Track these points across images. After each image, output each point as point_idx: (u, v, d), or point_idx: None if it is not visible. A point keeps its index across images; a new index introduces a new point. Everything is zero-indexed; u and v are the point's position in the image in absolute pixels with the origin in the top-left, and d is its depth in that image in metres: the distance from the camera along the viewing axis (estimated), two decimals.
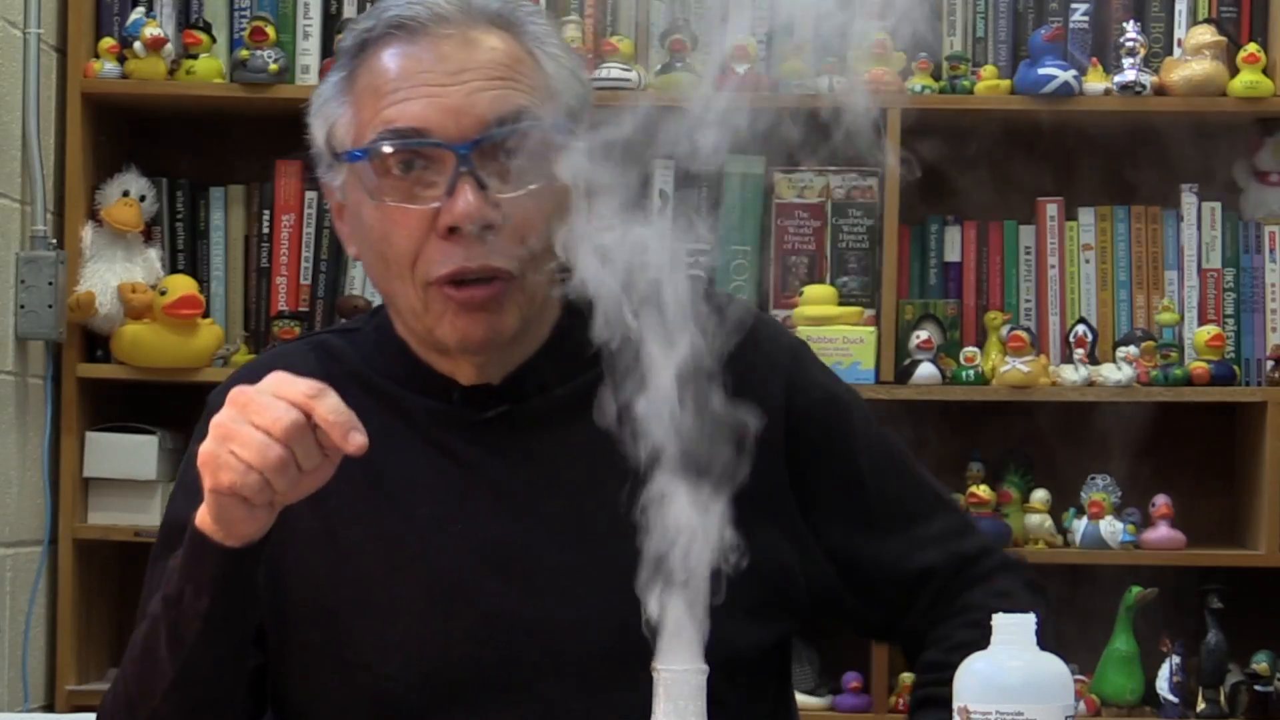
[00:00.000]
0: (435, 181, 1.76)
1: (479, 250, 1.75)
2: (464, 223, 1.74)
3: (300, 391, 1.61)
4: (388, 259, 1.79)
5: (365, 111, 1.79)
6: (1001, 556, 1.96)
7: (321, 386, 1.62)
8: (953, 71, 3.72)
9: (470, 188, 1.74)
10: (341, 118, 1.81)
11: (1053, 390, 3.66)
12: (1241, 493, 3.79)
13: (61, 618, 3.63)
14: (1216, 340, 3.67)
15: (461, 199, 1.74)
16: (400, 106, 1.77)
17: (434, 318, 1.78)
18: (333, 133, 1.82)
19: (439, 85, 1.76)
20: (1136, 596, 3.63)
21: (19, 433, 3.53)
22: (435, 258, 1.76)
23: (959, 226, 3.79)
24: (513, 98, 1.78)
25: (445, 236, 1.75)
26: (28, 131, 3.54)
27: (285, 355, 1.92)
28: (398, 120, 1.76)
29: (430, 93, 1.76)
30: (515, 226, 1.76)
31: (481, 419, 1.82)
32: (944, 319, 3.72)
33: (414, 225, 1.76)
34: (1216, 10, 3.75)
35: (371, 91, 1.79)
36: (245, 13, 3.74)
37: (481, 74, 1.77)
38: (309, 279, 3.74)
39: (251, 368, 1.94)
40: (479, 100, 1.76)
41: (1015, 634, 1.56)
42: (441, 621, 1.73)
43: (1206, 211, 3.76)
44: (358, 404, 1.83)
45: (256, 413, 1.60)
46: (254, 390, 1.62)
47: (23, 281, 3.54)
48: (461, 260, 1.75)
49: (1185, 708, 3.65)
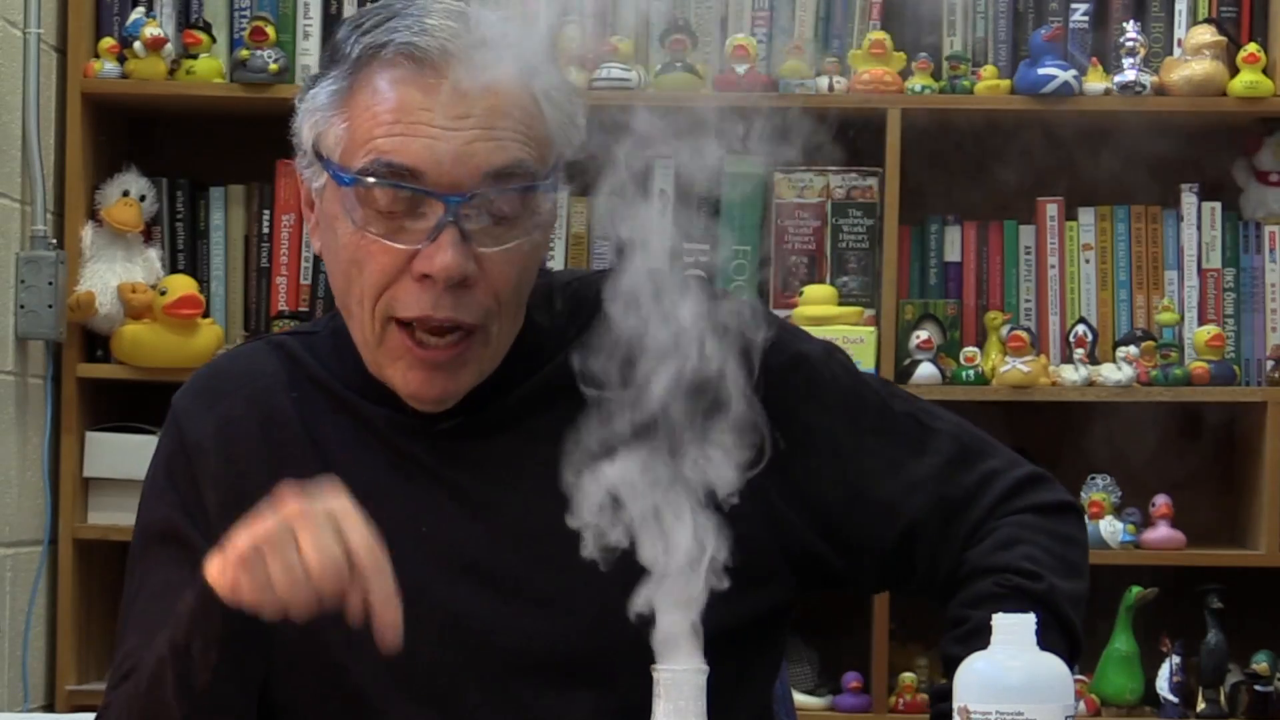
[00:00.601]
0: (418, 224, 1.74)
1: (447, 301, 1.73)
2: (440, 274, 1.72)
3: (364, 549, 1.57)
4: (353, 282, 1.76)
5: (359, 131, 1.76)
6: (1008, 481, 1.87)
7: (380, 556, 1.58)
8: (953, 71, 3.72)
9: (453, 240, 1.72)
10: (333, 128, 1.78)
11: (1053, 390, 3.66)
12: (1241, 493, 3.79)
13: (61, 618, 3.63)
14: (1216, 340, 3.67)
15: (442, 251, 1.72)
16: (397, 140, 1.73)
17: (387, 357, 1.77)
18: (321, 139, 1.79)
19: (439, 128, 1.73)
20: (1136, 596, 3.63)
21: (19, 433, 3.53)
22: (402, 298, 1.74)
23: (959, 226, 3.79)
24: (511, 150, 1.74)
25: (418, 280, 1.73)
26: (28, 131, 3.54)
27: (246, 356, 1.90)
28: (392, 154, 1.73)
29: (429, 133, 1.73)
30: (489, 282, 1.74)
31: (437, 429, 1.81)
32: (944, 319, 3.72)
33: (388, 262, 1.74)
34: (1216, 10, 3.75)
35: (369, 114, 1.75)
36: (245, 13, 3.75)
37: (482, 121, 1.74)
38: (309, 279, 3.74)
39: (213, 369, 1.93)
40: (477, 150, 1.73)
41: (1015, 634, 1.56)
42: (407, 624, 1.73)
43: (1206, 211, 3.76)
44: (317, 408, 1.83)
45: (309, 543, 1.56)
46: (317, 509, 1.58)
47: (23, 281, 3.54)
48: (429, 308, 1.73)
49: (1185, 708, 3.65)
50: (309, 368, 1.86)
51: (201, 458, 1.84)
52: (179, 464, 1.85)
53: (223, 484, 1.82)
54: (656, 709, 1.47)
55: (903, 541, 1.83)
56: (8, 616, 3.49)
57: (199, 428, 1.85)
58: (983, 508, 1.85)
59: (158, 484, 1.86)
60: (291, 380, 1.84)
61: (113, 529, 3.65)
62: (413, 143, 1.73)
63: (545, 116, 1.78)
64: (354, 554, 1.57)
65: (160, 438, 1.90)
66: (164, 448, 1.88)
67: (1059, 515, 1.87)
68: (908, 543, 1.83)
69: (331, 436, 1.81)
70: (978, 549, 1.82)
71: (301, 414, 1.83)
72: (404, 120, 1.74)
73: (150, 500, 1.87)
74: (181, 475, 1.84)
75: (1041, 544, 1.83)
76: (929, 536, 1.84)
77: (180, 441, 1.86)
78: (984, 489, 1.86)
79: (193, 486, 1.83)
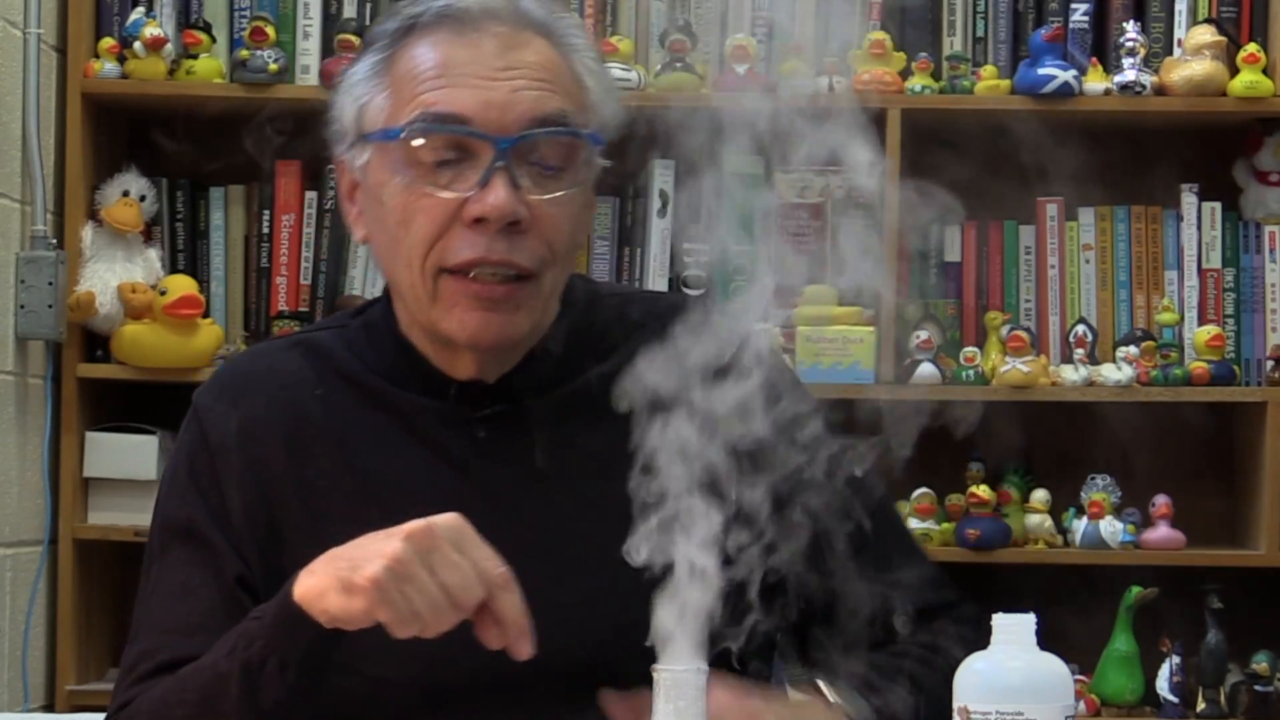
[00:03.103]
0: (468, 172, 1.76)
1: (502, 244, 1.75)
2: (493, 215, 1.74)
3: (495, 573, 1.58)
4: (401, 244, 1.77)
5: (402, 95, 1.78)
6: (961, 611, 1.91)
7: (507, 571, 1.59)
8: (953, 71, 3.72)
9: (504, 182, 1.74)
10: (375, 100, 1.80)
11: (1053, 390, 3.66)
12: (1241, 493, 3.79)
13: (61, 618, 3.62)
14: (1216, 340, 3.67)
15: (494, 192, 1.74)
16: (442, 92, 1.76)
17: (442, 309, 1.77)
18: (363, 114, 1.81)
19: (484, 78, 1.76)
20: (1136, 596, 3.63)
21: (19, 433, 3.53)
22: (455, 245, 1.75)
23: (959, 226, 3.79)
24: (555, 101, 1.78)
25: (470, 226, 1.75)
26: (28, 131, 3.54)
27: (268, 354, 1.91)
28: (439, 105, 1.76)
29: (475, 84, 1.76)
30: (541, 230, 1.76)
31: (476, 416, 1.81)
32: (944, 319, 3.72)
33: (439, 212, 1.76)
34: (1216, 10, 3.75)
35: (411, 77, 1.78)
36: (245, 13, 3.75)
37: (527, 74, 1.78)
38: (309, 279, 3.74)
39: (236, 368, 1.93)
40: (523, 98, 1.76)
41: (1015, 634, 1.56)
42: None
43: (1206, 211, 3.76)
44: (346, 405, 1.83)
45: (446, 569, 1.57)
46: (444, 536, 1.58)
47: (23, 281, 3.54)
48: (483, 250, 1.75)
49: (1185, 708, 3.65)
50: (341, 362, 1.86)
51: (224, 457, 1.83)
52: (201, 462, 1.84)
53: (246, 484, 1.81)
54: (656, 709, 1.47)
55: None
56: (8, 616, 3.48)
57: (222, 427, 1.84)
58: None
59: (179, 481, 1.85)
60: (319, 378, 1.84)
61: (113, 529, 3.65)
62: (458, 93, 1.76)
63: (585, 84, 1.82)
64: (485, 573, 1.57)
65: (181, 434, 1.88)
66: (185, 444, 1.87)
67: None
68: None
69: (361, 434, 1.80)
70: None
71: (327, 412, 1.83)
72: (448, 74, 1.77)
73: (171, 497, 1.85)
74: (204, 473, 1.83)
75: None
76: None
77: (203, 439, 1.85)
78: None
79: (215, 485, 1.82)
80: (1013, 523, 3.69)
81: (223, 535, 1.80)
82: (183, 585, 1.80)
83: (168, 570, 1.82)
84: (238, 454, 1.82)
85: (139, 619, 1.83)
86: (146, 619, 1.82)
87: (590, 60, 1.84)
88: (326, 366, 1.85)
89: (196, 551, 1.81)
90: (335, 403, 1.83)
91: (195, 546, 1.81)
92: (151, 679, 1.76)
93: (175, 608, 1.79)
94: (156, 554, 1.84)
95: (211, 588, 1.74)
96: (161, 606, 1.81)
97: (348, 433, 1.82)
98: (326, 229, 3.72)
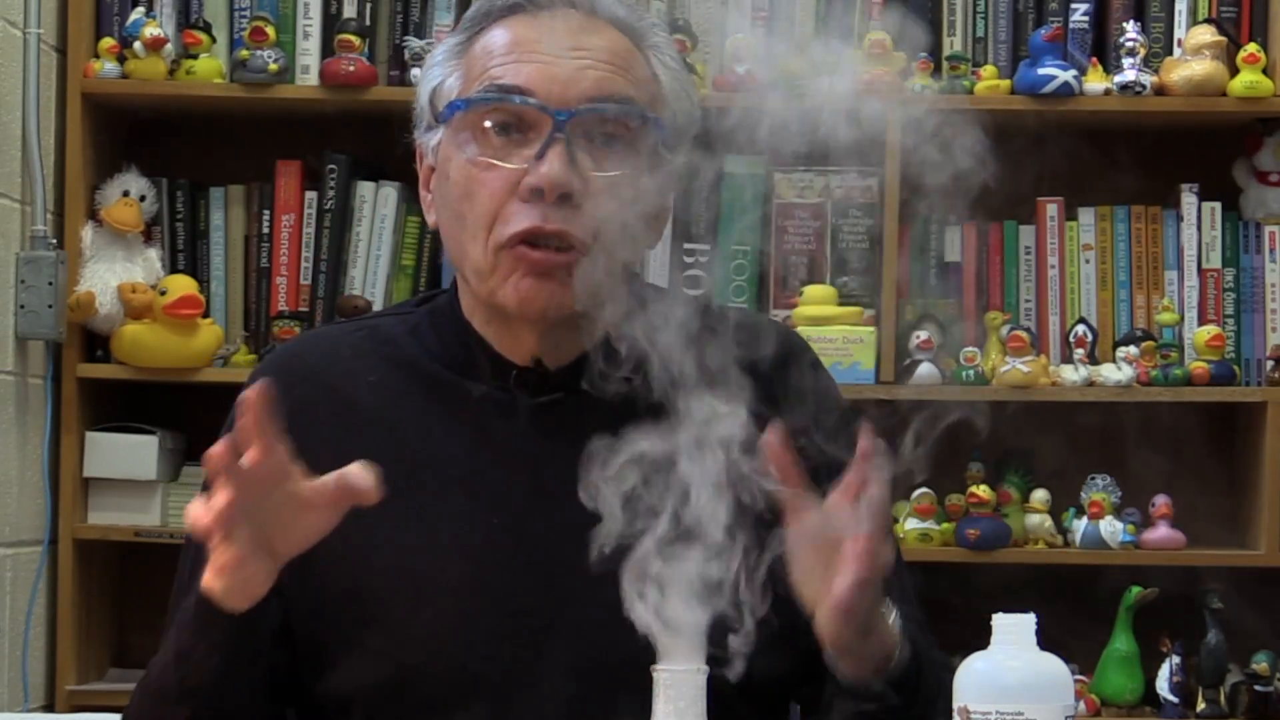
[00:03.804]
0: (527, 146, 1.78)
1: (556, 215, 1.76)
2: (547, 185, 1.76)
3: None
4: (466, 218, 1.80)
5: (473, 72, 1.81)
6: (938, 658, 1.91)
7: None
8: (953, 71, 3.72)
9: (560, 155, 1.76)
10: (449, 78, 1.84)
11: (1053, 390, 3.66)
12: (1241, 493, 3.79)
13: (61, 618, 3.62)
14: (1216, 340, 3.67)
15: (549, 163, 1.76)
16: (509, 67, 1.79)
17: (499, 279, 1.79)
18: (437, 92, 1.84)
19: (551, 55, 1.79)
20: (1136, 596, 3.63)
21: (19, 433, 3.53)
22: (513, 217, 1.77)
23: (959, 226, 3.78)
24: (620, 84, 1.80)
25: (526, 198, 1.77)
26: (28, 131, 3.54)
27: (324, 339, 1.92)
28: (504, 78, 1.79)
29: (541, 59, 1.79)
30: (595, 205, 1.77)
31: (533, 404, 1.81)
32: (944, 319, 3.72)
33: (498, 184, 1.78)
34: (1216, 10, 3.75)
35: (484, 55, 1.81)
36: (245, 13, 3.74)
37: (595, 55, 1.80)
38: (309, 279, 3.74)
39: (288, 353, 1.93)
40: (587, 75, 1.79)
41: (1015, 634, 1.56)
42: (468, 615, 1.72)
43: (1206, 211, 3.76)
44: (400, 391, 1.83)
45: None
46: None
47: (23, 281, 3.53)
48: (538, 220, 1.76)
49: (1185, 708, 3.65)
50: (400, 348, 1.87)
51: None
52: None
53: None
54: (656, 709, 1.47)
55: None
56: (8, 616, 3.48)
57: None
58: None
59: None
60: (374, 363, 1.84)
61: (113, 529, 3.65)
62: (524, 67, 1.79)
63: (656, 74, 1.84)
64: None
65: (226, 428, 1.88)
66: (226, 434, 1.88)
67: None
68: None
69: (411, 419, 1.81)
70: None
71: (379, 399, 1.83)
72: (518, 51, 1.80)
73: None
74: None
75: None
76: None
77: None
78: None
79: None
80: (1013, 523, 3.69)
81: None
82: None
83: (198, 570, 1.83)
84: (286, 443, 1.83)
85: (170, 612, 1.84)
86: (173, 614, 1.83)
87: (669, 59, 1.86)
88: (384, 352, 1.87)
89: None
90: (388, 389, 1.84)
91: None
92: None
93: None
94: (190, 552, 1.85)
95: None
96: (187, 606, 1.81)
97: (398, 418, 1.83)
98: (326, 229, 3.72)
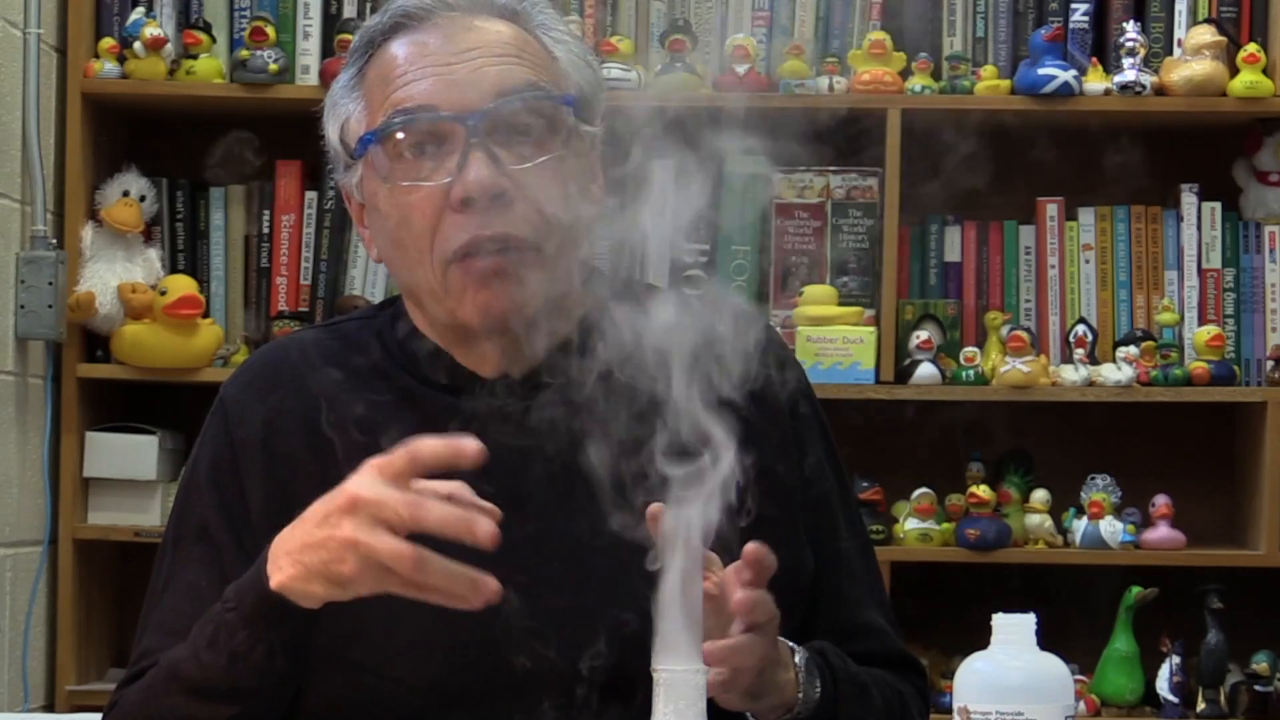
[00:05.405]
0: (447, 159, 1.76)
1: (493, 219, 1.74)
2: (476, 192, 1.74)
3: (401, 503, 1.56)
4: (406, 244, 1.78)
5: (375, 100, 1.79)
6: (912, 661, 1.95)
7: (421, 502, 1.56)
8: (953, 71, 3.72)
9: (481, 158, 1.74)
10: (354, 113, 1.81)
11: (1053, 390, 3.66)
12: (1241, 493, 3.79)
13: (61, 618, 3.62)
14: (1216, 340, 3.67)
15: (473, 170, 1.74)
16: (408, 88, 1.77)
17: (455, 298, 1.77)
18: (345, 129, 1.82)
19: (445, 64, 1.77)
20: (1136, 596, 3.63)
21: (19, 433, 3.53)
22: (450, 233, 1.75)
23: (959, 226, 3.79)
24: (520, 73, 1.78)
25: (459, 210, 1.74)
26: (28, 131, 3.54)
27: (297, 344, 1.90)
28: (406, 101, 1.77)
29: (437, 71, 1.77)
30: (530, 197, 1.75)
31: (504, 412, 1.80)
32: (944, 319, 3.72)
33: (428, 203, 1.76)
34: (1216, 10, 3.75)
35: (380, 81, 1.79)
36: (245, 13, 3.75)
37: (486, 52, 1.78)
38: (309, 279, 3.74)
39: (265, 358, 1.92)
40: (486, 75, 1.77)
41: (1015, 634, 1.56)
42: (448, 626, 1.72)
43: (1206, 211, 3.76)
44: (373, 398, 1.82)
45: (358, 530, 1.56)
46: (367, 502, 1.56)
47: (23, 281, 3.54)
48: (476, 229, 1.74)
49: (1185, 708, 3.65)
50: (370, 355, 1.86)
51: (248, 452, 1.82)
52: (224, 461, 1.83)
53: (269, 479, 1.81)
54: (656, 709, 1.47)
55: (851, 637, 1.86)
56: (8, 616, 3.49)
57: (248, 422, 1.83)
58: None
59: (198, 480, 1.85)
60: (348, 369, 1.84)
61: (113, 529, 3.65)
62: (422, 83, 1.77)
63: (551, 52, 1.82)
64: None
65: (206, 429, 1.87)
66: (210, 442, 1.86)
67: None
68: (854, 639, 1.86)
69: (386, 427, 1.81)
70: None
71: (353, 404, 1.82)
72: (411, 69, 1.78)
73: (190, 495, 1.85)
74: (225, 471, 1.83)
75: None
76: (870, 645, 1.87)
77: (228, 437, 1.84)
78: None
79: (235, 483, 1.82)
80: (1013, 523, 3.69)
81: (236, 539, 1.79)
82: (190, 586, 1.80)
83: (178, 570, 1.82)
84: (261, 449, 1.82)
85: (146, 615, 1.84)
86: (152, 617, 1.83)
87: (558, 32, 1.84)
88: (356, 358, 1.85)
89: (207, 553, 1.81)
90: (362, 395, 1.83)
91: (206, 548, 1.81)
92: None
93: (181, 608, 1.79)
94: (169, 549, 1.84)
95: (218, 590, 1.74)
96: (169, 606, 1.81)
97: (372, 425, 1.82)
98: (326, 229, 3.72)
